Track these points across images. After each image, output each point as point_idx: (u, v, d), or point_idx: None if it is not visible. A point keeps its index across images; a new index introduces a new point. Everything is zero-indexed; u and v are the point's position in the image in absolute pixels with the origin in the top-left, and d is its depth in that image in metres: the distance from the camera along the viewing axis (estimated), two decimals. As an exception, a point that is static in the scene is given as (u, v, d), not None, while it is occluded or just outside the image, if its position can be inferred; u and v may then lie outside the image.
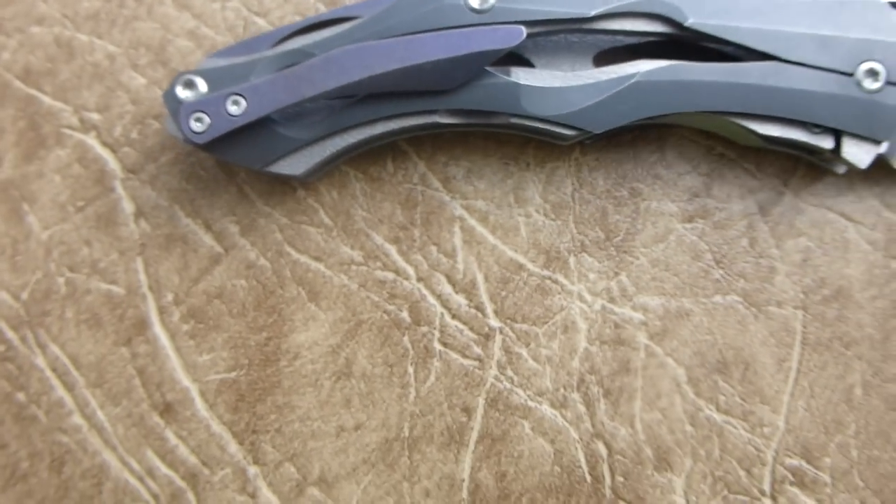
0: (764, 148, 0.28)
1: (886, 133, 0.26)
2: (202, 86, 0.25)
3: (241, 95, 0.25)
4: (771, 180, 0.28)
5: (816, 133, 0.26)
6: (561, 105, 0.26)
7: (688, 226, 0.28)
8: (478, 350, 0.28)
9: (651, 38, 0.27)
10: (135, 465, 0.29)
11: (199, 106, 0.25)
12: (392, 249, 0.29)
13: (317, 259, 0.29)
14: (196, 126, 0.25)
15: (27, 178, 0.29)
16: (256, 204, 0.29)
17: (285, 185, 0.29)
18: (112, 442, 0.29)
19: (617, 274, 0.28)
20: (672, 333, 0.28)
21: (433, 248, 0.29)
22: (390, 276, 0.29)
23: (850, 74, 0.25)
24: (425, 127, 0.26)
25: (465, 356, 0.29)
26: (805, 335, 0.28)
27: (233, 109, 0.25)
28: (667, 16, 0.26)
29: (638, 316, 0.28)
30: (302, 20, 0.26)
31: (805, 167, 0.28)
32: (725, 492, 0.28)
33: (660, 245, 0.28)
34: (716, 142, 0.28)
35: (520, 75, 0.26)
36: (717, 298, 0.28)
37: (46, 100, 0.29)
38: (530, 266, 0.29)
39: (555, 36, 0.27)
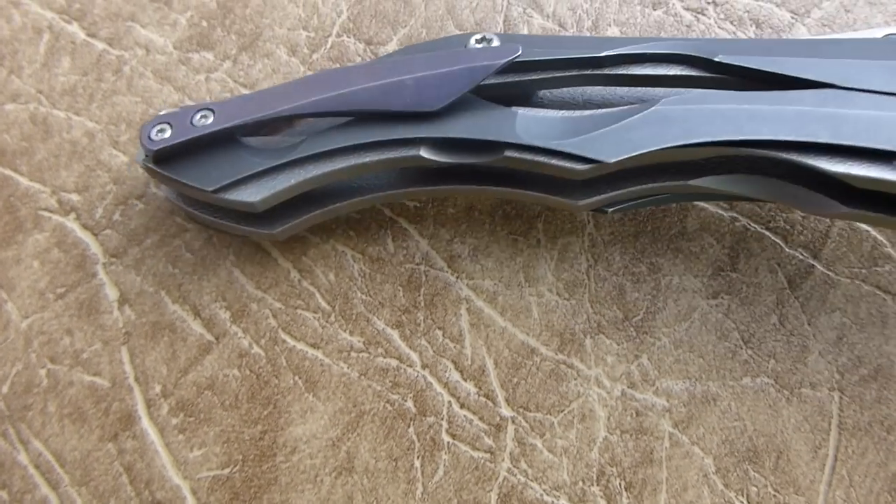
0: (835, 215, 0.22)
1: None
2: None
3: (210, 110, 0.23)
4: (800, 251, 0.26)
5: None
6: (564, 133, 0.21)
7: (712, 302, 0.26)
8: (489, 441, 0.26)
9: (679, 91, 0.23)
10: (124, 570, 0.27)
11: (166, 118, 0.23)
12: (394, 334, 0.27)
13: (314, 346, 0.27)
14: (157, 136, 0.23)
15: (4, 265, 0.27)
16: (248, 288, 0.27)
17: (279, 268, 0.27)
18: (100, 545, 0.27)
19: (637, 357, 0.26)
20: (698, 420, 0.26)
21: (439, 333, 0.27)
22: (393, 363, 0.27)
23: None
24: (408, 163, 0.23)
25: (475, 448, 0.26)
26: (842, 419, 0.26)
27: (198, 122, 0.23)
28: (693, 55, 0.22)
29: (661, 402, 0.26)
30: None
31: (837, 235, 0.26)
32: (760, 591, 0.26)
33: (683, 324, 0.26)
34: (739, 212, 0.26)
35: (520, 110, 0.22)
36: (746, 381, 0.26)
37: (23, 181, 0.27)
38: (543, 350, 0.27)
39: (568, 93, 0.25)
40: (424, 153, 0.22)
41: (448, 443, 0.27)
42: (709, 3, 0.27)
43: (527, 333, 0.27)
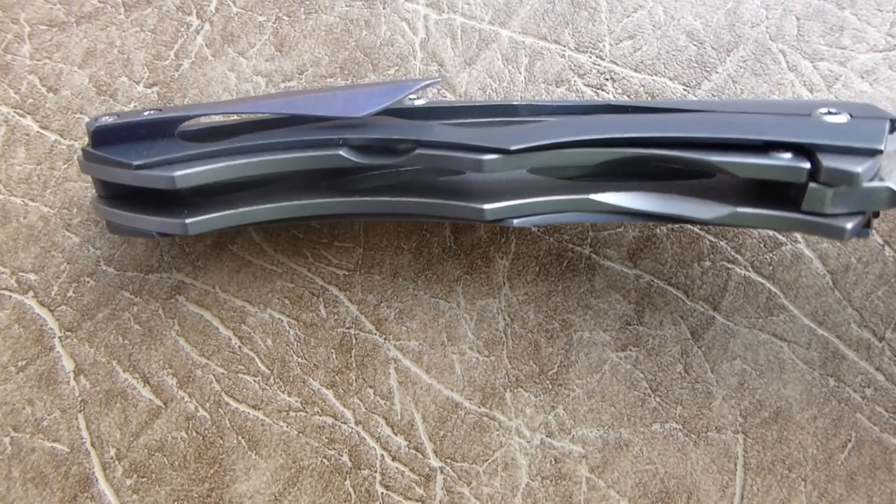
0: (725, 222, 0.23)
1: (872, 142, 0.21)
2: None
3: (159, 109, 0.25)
4: (700, 304, 0.28)
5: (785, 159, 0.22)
6: (474, 136, 0.23)
7: (621, 354, 0.28)
8: (420, 491, 0.28)
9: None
10: None
11: (118, 112, 0.25)
12: (329, 394, 0.29)
13: (255, 407, 0.29)
14: (102, 121, 0.25)
15: (-31, 341, 0.30)
16: (192, 355, 0.29)
17: (220, 335, 0.29)
18: None
19: (554, 407, 0.28)
20: (613, 465, 0.28)
21: (370, 391, 0.29)
22: (329, 420, 0.29)
23: (807, 115, 0.23)
24: (327, 162, 0.24)
25: (407, 498, 0.28)
26: (747, 459, 0.28)
27: (145, 115, 0.25)
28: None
29: (577, 449, 0.28)
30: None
31: (734, 288, 0.28)
32: None
33: (594, 375, 0.28)
34: (643, 269, 0.28)
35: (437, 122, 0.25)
36: (656, 427, 0.28)
37: (-16, 263, 0.30)
38: (467, 404, 0.29)
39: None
40: (344, 153, 0.24)
41: (382, 494, 0.28)
42: (607, 79, 0.29)
43: (451, 389, 0.29)
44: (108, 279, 0.29)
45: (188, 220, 0.24)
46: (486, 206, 0.24)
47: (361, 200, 0.25)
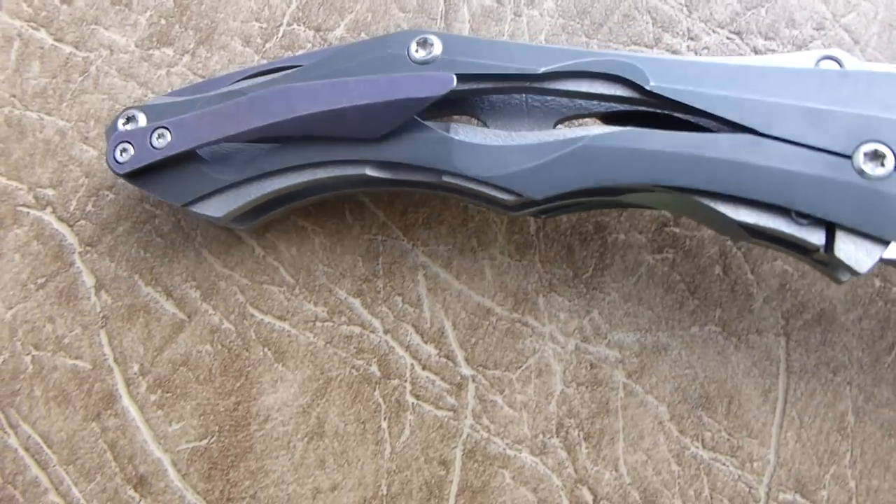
0: (745, 242, 0.24)
1: (894, 230, 0.21)
2: (142, 120, 0.25)
3: (166, 128, 0.25)
4: (741, 203, 0.27)
5: (803, 225, 0.21)
6: (496, 165, 0.23)
7: (658, 256, 0.27)
8: (451, 400, 0.28)
9: (614, 105, 0.25)
10: (113, 542, 0.28)
11: (126, 137, 0.25)
12: (356, 303, 0.28)
13: (281, 318, 0.28)
14: (120, 157, 0.25)
15: (-13, 259, 0.29)
16: (216, 267, 0.28)
17: (243, 246, 0.28)
18: (88, 519, 0.28)
19: (588, 312, 0.28)
20: (651, 370, 0.27)
21: (398, 299, 0.28)
22: (356, 330, 0.28)
23: (848, 157, 0.21)
24: (355, 180, 0.25)
25: (438, 407, 0.28)
26: (790, 363, 0.27)
27: (157, 142, 0.25)
28: (627, 77, 0.23)
29: (614, 354, 0.27)
30: (256, 66, 0.26)
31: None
32: (719, 532, 0.27)
33: (630, 279, 0.27)
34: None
35: (458, 131, 0.24)
36: (695, 330, 0.27)
37: (1, 180, 0.29)
38: (498, 310, 0.28)
39: (512, 97, 0.25)
40: (370, 171, 0.24)
41: (412, 403, 0.28)
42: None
43: (482, 295, 0.28)
44: (127, 191, 0.29)
45: (248, 225, 0.28)
46: (515, 214, 0.25)
47: (384, 178, 0.25)
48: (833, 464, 0.26)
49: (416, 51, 0.24)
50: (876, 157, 0.21)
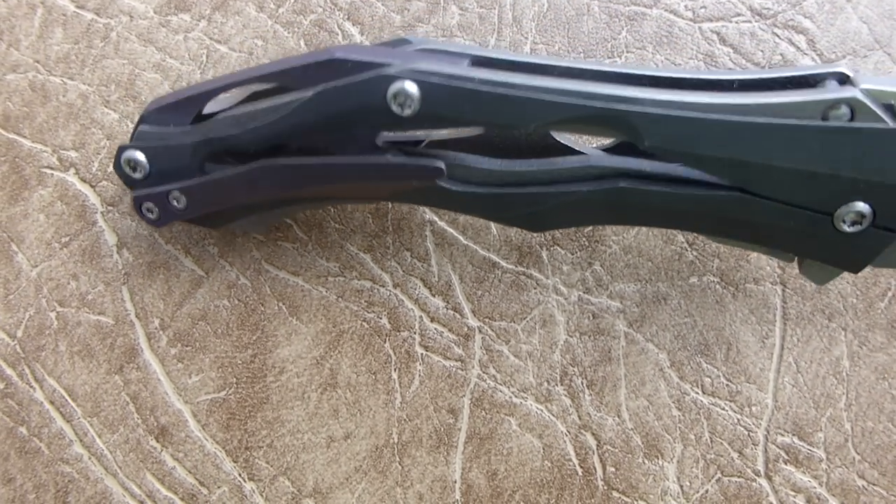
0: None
1: (857, 267, 0.23)
2: (142, 159, 0.26)
3: (180, 192, 0.26)
4: (738, 157, 0.28)
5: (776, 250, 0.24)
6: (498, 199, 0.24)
7: (658, 210, 0.28)
8: (459, 351, 0.29)
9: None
10: (136, 490, 0.29)
11: (147, 198, 0.26)
12: (367, 258, 0.29)
13: (294, 274, 0.29)
14: (149, 215, 0.27)
15: (13, 220, 0.30)
16: (232, 225, 0.29)
17: (258, 205, 0.29)
18: (112, 468, 0.29)
19: (591, 264, 0.29)
20: (651, 319, 0.28)
21: (407, 254, 0.29)
22: (367, 284, 0.29)
23: (829, 214, 0.22)
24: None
25: (446, 358, 0.29)
26: (786, 310, 0.28)
27: (176, 205, 0.26)
28: (622, 133, 0.23)
29: (615, 304, 0.28)
30: (240, 74, 0.25)
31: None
32: (719, 475, 0.28)
33: (631, 231, 0.28)
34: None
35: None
36: (693, 280, 0.28)
37: (26, 143, 0.30)
38: (504, 263, 0.29)
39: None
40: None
41: (422, 354, 0.29)
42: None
43: (487, 249, 0.29)
44: (147, 153, 0.30)
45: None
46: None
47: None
48: (829, 407, 0.27)
49: (395, 108, 0.23)
50: (856, 216, 0.22)
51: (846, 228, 0.22)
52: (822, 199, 0.22)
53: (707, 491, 0.28)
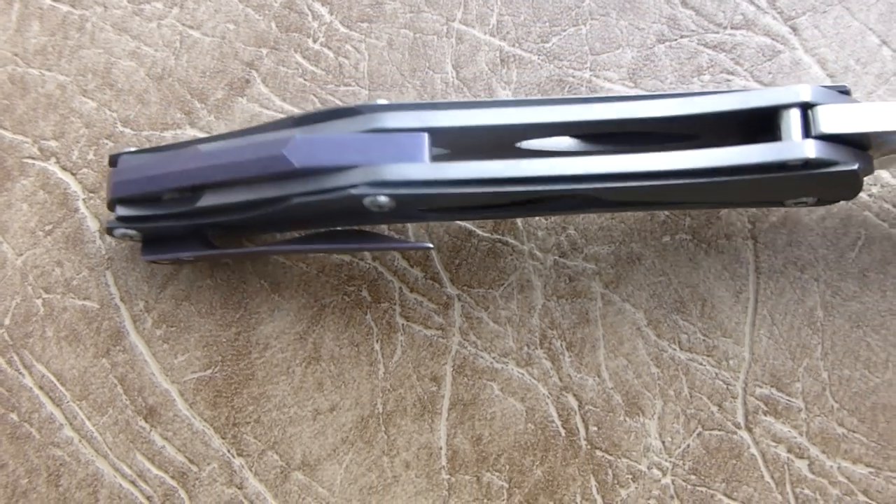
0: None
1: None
2: (137, 235, 0.28)
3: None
4: (705, 117, 0.29)
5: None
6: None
7: (628, 172, 0.29)
8: (439, 319, 0.29)
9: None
10: (126, 470, 0.30)
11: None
12: (345, 232, 0.30)
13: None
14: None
15: (-3, 210, 0.31)
16: (212, 206, 0.30)
17: (237, 185, 0.30)
18: (103, 450, 0.30)
19: (565, 229, 0.29)
20: (626, 279, 0.29)
21: (383, 226, 0.29)
22: (346, 258, 0.30)
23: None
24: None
25: (427, 327, 0.29)
26: (758, 264, 0.28)
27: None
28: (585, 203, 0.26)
29: (591, 266, 0.29)
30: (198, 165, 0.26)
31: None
32: (700, 429, 0.28)
33: (603, 194, 0.29)
34: (644, 88, 0.29)
35: None
36: (666, 239, 0.29)
37: (7, 134, 0.31)
38: (479, 232, 0.29)
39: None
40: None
41: (402, 325, 0.29)
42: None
43: (463, 218, 0.29)
44: (125, 139, 0.30)
45: None
46: None
47: None
48: (805, 357, 0.28)
49: (374, 209, 0.24)
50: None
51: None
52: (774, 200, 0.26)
53: (689, 445, 0.28)
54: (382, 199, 0.24)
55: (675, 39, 0.29)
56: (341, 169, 0.24)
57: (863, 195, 0.28)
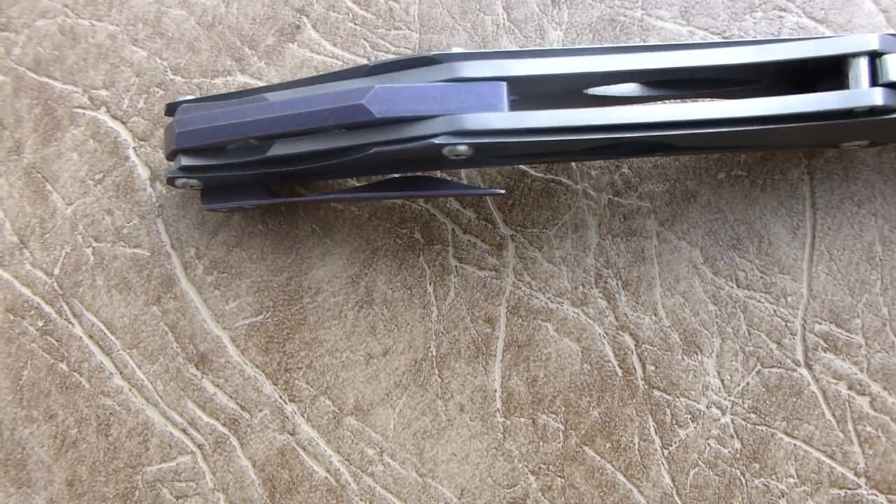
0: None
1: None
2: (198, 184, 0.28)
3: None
4: (757, 55, 0.29)
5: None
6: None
7: (681, 111, 0.29)
8: (493, 260, 0.29)
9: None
10: (177, 418, 0.29)
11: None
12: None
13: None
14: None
15: (47, 160, 0.31)
16: (262, 151, 0.30)
17: (288, 130, 0.30)
18: (153, 398, 0.30)
19: (619, 167, 0.29)
20: (682, 217, 0.28)
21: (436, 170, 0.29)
22: (398, 201, 0.29)
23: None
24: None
25: (480, 268, 0.29)
26: (815, 200, 0.28)
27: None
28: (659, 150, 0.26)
29: (645, 204, 0.29)
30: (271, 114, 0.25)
31: (789, 35, 0.29)
32: (759, 366, 0.28)
33: (656, 133, 0.29)
34: (697, 25, 0.29)
35: None
36: (721, 176, 0.28)
37: (58, 85, 0.31)
38: (532, 172, 0.29)
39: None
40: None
41: (456, 266, 0.29)
42: None
43: (516, 158, 0.29)
44: (176, 87, 0.30)
45: None
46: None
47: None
48: (865, 292, 0.27)
49: (451, 157, 0.25)
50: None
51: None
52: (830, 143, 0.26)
53: (748, 383, 0.28)
54: (462, 147, 0.24)
55: (728, -22, 0.29)
56: (421, 118, 0.24)
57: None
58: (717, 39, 0.29)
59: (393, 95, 0.24)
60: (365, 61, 0.30)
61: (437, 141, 0.24)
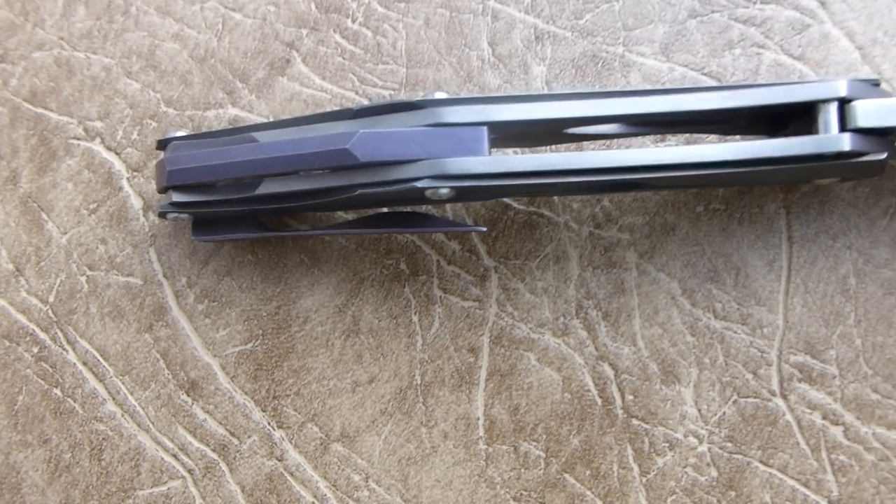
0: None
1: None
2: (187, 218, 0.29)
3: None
4: (735, 91, 0.29)
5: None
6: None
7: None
8: (476, 291, 0.30)
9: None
10: (168, 444, 0.30)
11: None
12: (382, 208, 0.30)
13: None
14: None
15: (43, 190, 0.32)
16: (252, 183, 0.31)
17: (277, 162, 0.31)
18: (145, 424, 0.30)
19: (599, 201, 0.30)
20: (661, 249, 0.29)
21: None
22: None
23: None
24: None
25: (464, 298, 0.30)
26: (791, 233, 0.29)
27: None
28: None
29: (625, 237, 0.29)
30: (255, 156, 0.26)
31: (766, 71, 0.29)
32: (735, 396, 0.28)
33: (636, 167, 0.29)
34: (676, 62, 0.30)
35: None
36: (700, 209, 0.29)
37: (53, 116, 0.32)
38: (515, 205, 0.30)
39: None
40: None
41: (440, 297, 0.30)
42: None
43: (499, 191, 0.30)
44: (168, 119, 0.31)
45: None
46: None
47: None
48: (839, 324, 0.28)
49: (434, 198, 0.26)
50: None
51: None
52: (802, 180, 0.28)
53: (724, 413, 0.28)
54: (444, 190, 0.25)
55: (707, 14, 0.29)
56: (404, 162, 0.25)
57: (892, 164, 0.28)
58: (696, 75, 0.29)
59: (376, 140, 0.24)
60: (353, 95, 0.31)
61: (419, 185, 0.24)
